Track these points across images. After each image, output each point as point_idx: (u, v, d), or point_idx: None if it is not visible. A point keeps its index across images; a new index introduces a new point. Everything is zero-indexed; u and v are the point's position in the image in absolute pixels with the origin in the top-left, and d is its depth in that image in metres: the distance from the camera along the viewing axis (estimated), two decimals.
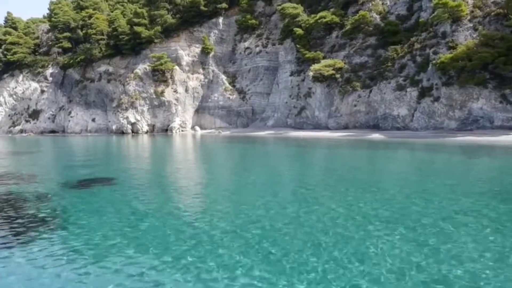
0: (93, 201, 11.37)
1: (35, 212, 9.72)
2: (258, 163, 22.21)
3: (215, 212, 9.65)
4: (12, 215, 9.50)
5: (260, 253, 6.70)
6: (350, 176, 15.43)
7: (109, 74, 73.88)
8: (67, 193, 12.42)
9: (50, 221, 8.94)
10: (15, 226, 8.69)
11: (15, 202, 11.22)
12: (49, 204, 10.69)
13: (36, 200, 11.25)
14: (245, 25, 68.89)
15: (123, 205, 10.76)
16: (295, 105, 55.27)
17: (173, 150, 33.93)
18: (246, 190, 13.08)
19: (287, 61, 59.16)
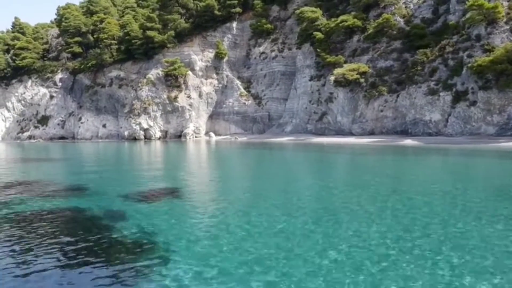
0: (173, 217, 9.83)
1: (122, 236, 8.14)
2: (303, 171, 20.65)
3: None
4: (98, 240, 7.92)
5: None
6: (405, 188, 13.86)
7: (121, 79, 72.57)
8: (138, 208, 10.86)
9: (147, 249, 7.35)
10: (111, 255, 7.12)
11: (87, 221, 9.66)
12: (130, 223, 9.12)
13: (112, 218, 9.68)
14: (260, 29, 67.71)
15: (213, 222, 9.23)
16: (316, 111, 53.84)
17: (202, 157, 32.38)
18: (329, 197, 11.53)
19: (305, 65, 57.85)
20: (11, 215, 10.29)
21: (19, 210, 10.86)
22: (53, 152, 41.35)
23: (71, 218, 10.20)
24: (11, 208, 11.06)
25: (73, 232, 8.72)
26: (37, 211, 10.64)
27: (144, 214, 10.10)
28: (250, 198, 12.68)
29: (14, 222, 9.53)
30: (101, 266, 6.48)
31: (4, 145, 60.79)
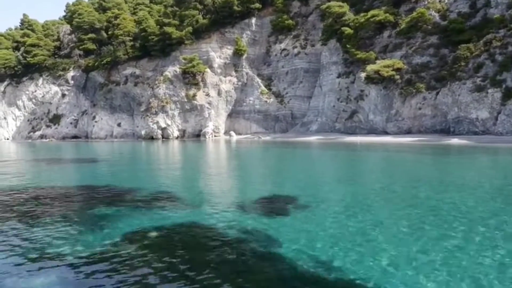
0: (321, 229, 7.95)
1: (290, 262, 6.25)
2: (358, 172, 18.72)
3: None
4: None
5: None
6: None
7: (136, 77, 70.52)
8: (272, 223, 8.94)
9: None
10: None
11: (223, 241, 7.75)
12: (285, 245, 7.22)
13: (256, 240, 7.75)
14: (281, 25, 65.74)
15: (368, 228, 7.34)
16: (345, 109, 51.93)
17: (251, 157, 30.40)
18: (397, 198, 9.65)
19: (332, 62, 55.94)
20: (156, 238, 8.39)
21: (160, 224, 8.96)
22: (80, 152, 39.26)
23: (211, 238, 8.28)
24: (151, 229, 9.16)
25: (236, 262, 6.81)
26: (165, 226, 8.72)
27: (286, 230, 8.20)
28: (373, 201, 10.79)
29: (163, 247, 7.63)
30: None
31: (18, 145, 58.69)
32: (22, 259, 6.76)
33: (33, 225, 8.87)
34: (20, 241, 7.78)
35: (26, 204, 11.33)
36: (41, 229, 8.51)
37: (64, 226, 8.71)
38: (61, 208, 10.80)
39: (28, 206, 10.96)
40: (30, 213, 10.11)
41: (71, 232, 8.33)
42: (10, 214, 10.12)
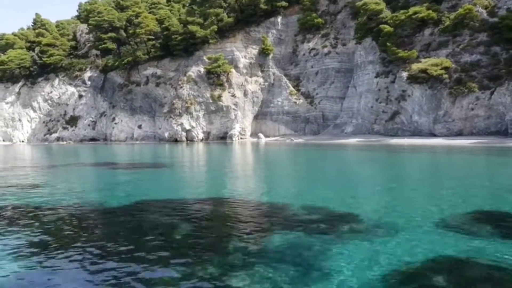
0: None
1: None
2: (431, 176, 16.40)
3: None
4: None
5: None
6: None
7: (158, 77, 68.30)
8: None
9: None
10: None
11: None
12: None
13: None
14: (310, 24, 63.61)
15: None
16: (385, 110, 49.68)
17: (314, 161, 28.04)
18: None
19: (367, 61, 53.77)
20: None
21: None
22: (117, 156, 36.81)
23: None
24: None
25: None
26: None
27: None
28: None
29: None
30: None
31: (36, 148, 56.21)
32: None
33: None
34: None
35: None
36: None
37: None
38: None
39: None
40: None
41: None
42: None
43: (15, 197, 12.72)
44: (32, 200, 11.84)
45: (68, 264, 6.21)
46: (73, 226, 8.76)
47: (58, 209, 10.43)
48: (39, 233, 8.15)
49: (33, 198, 12.20)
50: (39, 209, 10.45)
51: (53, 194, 13.13)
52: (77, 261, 6.33)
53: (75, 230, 8.37)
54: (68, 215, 9.77)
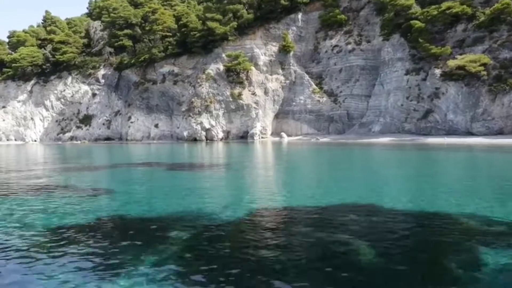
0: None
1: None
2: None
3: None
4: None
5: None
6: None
7: (175, 75, 66.69)
8: None
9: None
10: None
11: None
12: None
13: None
14: (332, 20, 62.06)
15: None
16: (416, 108, 48.16)
17: (348, 162, 26.49)
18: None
19: (396, 58, 52.23)
20: None
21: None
22: (152, 156, 35.19)
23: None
24: None
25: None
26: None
27: None
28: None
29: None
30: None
31: (54, 147, 54.54)
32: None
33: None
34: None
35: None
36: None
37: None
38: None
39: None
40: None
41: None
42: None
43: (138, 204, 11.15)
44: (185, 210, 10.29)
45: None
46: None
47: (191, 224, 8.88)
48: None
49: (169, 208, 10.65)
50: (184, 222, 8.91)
51: (181, 203, 11.59)
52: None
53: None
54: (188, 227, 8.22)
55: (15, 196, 12.19)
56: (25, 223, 8.57)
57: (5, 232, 7.79)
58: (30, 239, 7.32)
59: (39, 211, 9.81)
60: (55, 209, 9.97)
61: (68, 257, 6.20)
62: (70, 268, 5.73)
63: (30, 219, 8.90)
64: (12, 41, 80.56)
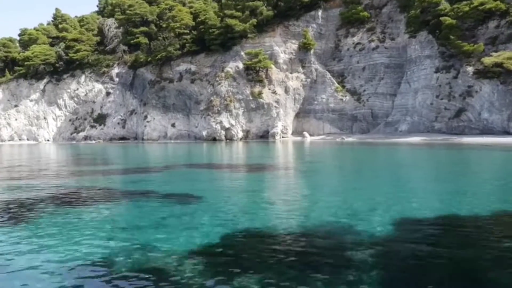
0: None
1: None
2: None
3: None
4: None
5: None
6: None
7: (192, 74, 65.37)
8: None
9: None
10: None
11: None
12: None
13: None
14: (355, 17, 60.84)
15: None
16: (447, 107, 46.95)
17: (403, 163, 25.22)
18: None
19: (424, 56, 51.01)
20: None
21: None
22: (193, 157, 33.91)
23: None
24: None
25: None
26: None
27: None
28: None
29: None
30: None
31: (71, 147, 53.24)
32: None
33: None
34: None
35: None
36: None
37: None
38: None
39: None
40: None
41: None
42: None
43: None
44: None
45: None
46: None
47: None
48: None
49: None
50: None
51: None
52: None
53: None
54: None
55: (127, 204, 10.93)
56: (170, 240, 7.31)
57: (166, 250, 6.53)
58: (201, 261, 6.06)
59: (184, 227, 8.54)
60: (191, 223, 8.70)
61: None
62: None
63: (183, 235, 7.63)
64: (23, 39, 79.13)
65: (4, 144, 66.39)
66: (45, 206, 10.49)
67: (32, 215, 9.42)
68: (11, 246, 6.91)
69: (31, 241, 7.20)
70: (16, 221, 8.80)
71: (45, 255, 6.41)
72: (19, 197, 11.97)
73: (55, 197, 11.87)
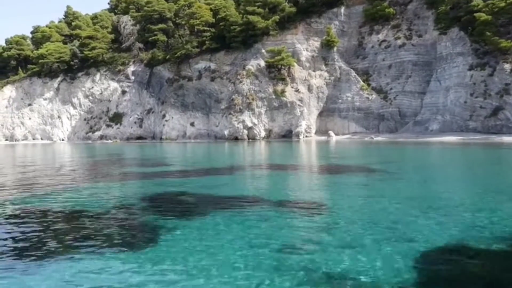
0: None
1: None
2: None
3: None
4: None
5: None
6: None
7: (212, 72, 63.94)
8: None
9: None
10: None
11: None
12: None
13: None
14: (380, 14, 59.52)
15: None
16: (483, 105, 45.69)
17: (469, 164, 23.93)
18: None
19: (455, 53, 49.75)
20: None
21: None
22: (249, 157, 32.42)
23: None
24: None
25: None
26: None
27: None
28: None
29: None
30: None
31: (90, 147, 51.76)
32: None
33: None
34: None
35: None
36: None
37: None
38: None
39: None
40: None
41: None
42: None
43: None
44: None
45: None
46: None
47: None
48: None
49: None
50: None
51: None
52: None
53: None
54: None
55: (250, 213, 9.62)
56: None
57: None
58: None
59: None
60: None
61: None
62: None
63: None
64: (36, 36, 77.67)
65: (18, 144, 64.95)
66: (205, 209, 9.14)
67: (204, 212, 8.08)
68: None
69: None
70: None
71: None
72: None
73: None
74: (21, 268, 5.84)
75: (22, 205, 10.62)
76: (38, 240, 7.27)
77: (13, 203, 10.95)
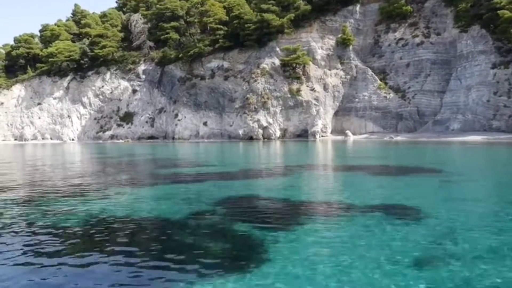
0: None
1: None
2: None
3: None
4: None
5: None
6: None
7: (225, 70, 63.05)
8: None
9: None
10: None
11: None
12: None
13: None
14: (397, 12, 58.65)
15: None
16: (507, 104, 44.85)
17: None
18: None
19: (477, 51, 48.87)
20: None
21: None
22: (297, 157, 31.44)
23: None
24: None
25: None
26: None
27: None
28: None
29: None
30: None
31: (100, 147, 50.75)
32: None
33: None
34: None
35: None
36: None
37: None
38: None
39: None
40: None
41: None
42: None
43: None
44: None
45: None
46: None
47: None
48: None
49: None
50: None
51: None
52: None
53: None
54: None
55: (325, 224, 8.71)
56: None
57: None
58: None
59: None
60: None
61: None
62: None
63: None
64: (45, 35, 76.85)
65: (27, 144, 64.04)
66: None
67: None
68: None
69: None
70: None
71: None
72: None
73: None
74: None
75: (106, 214, 9.71)
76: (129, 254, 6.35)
77: (101, 211, 10.03)
